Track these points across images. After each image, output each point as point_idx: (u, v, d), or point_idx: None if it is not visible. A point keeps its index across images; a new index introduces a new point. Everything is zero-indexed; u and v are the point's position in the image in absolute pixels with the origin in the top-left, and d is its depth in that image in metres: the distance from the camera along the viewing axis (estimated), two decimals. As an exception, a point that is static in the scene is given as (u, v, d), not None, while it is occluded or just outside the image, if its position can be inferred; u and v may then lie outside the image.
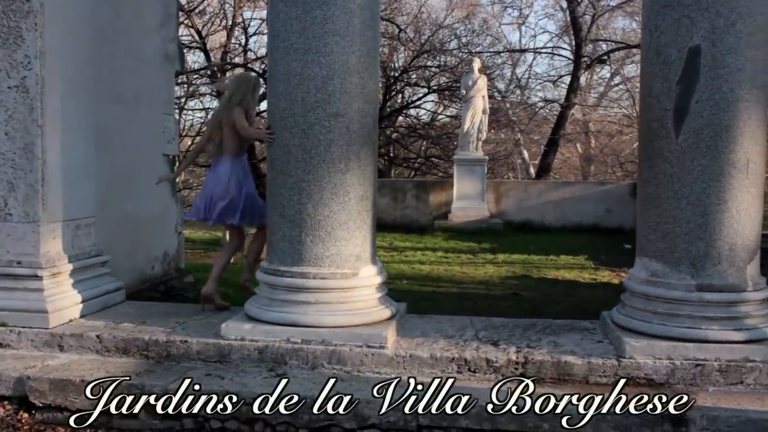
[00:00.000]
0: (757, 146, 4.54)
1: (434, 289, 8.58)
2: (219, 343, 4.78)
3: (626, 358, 4.46)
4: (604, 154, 30.62)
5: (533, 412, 4.05)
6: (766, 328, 4.54)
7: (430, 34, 24.17)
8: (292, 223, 4.82)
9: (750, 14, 4.45)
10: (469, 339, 4.86)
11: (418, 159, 26.06)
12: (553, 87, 27.47)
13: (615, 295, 5.07)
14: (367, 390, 4.30)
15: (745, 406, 4.11)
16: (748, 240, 4.57)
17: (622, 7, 23.56)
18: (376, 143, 5.13)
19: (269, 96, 5.01)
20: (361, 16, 4.82)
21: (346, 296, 4.80)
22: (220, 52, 21.32)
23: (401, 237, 14.21)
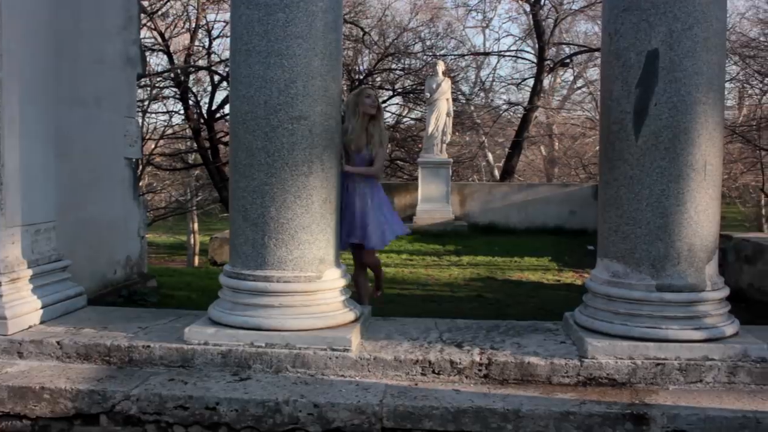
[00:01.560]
0: (714, 148, 4.61)
1: (399, 292, 8.60)
2: (182, 348, 4.74)
3: (588, 358, 4.51)
4: (567, 157, 30.90)
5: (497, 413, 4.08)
6: (724, 327, 4.61)
7: (394, 37, 24.21)
8: (255, 226, 4.79)
9: (706, 19, 4.52)
10: (433, 341, 4.88)
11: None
12: (516, 90, 27.70)
13: (578, 296, 5.11)
14: (331, 393, 4.30)
15: (704, 404, 4.17)
16: (707, 240, 4.64)
17: (584, 11, 23.82)
18: (339, 146, 5.13)
19: (232, 99, 4.98)
20: (324, 19, 4.82)
21: (309, 299, 4.79)
22: (184, 54, 21.11)
23: (366, 240, 14.17)
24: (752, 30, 21.95)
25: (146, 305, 6.87)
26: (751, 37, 20.68)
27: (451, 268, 10.74)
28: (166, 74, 21.08)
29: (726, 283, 4.90)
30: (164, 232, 33.91)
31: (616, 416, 4.07)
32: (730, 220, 29.17)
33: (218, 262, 11.70)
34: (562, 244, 13.35)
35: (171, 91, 21.89)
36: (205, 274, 10.31)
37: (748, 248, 8.90)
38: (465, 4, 27.02)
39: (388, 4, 24.71)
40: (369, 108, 5.69)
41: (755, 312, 7.64)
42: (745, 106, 25.42)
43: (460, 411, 4.11)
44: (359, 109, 5.68)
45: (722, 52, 4.72)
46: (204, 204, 30.51)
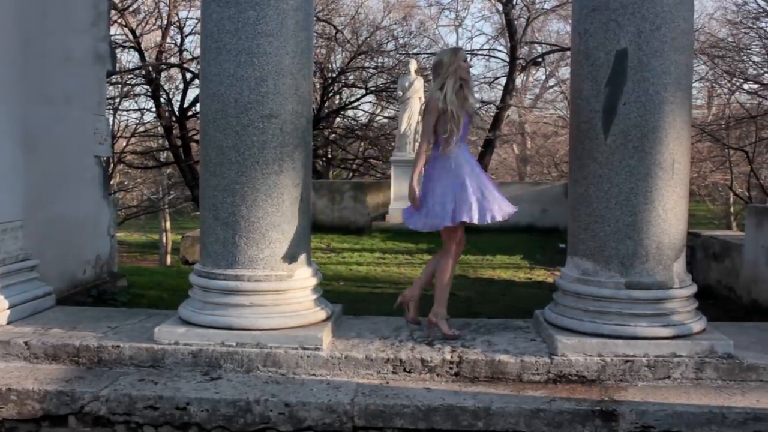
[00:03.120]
0: (681, 147, 4.66)
1: (371, 290, 8.60)
2: (152, 348, 4.71)
3: (558, 355, 4.54)
4: (539, 155, 31.08)
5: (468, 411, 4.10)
6: (692, 323, 4.67)
7: (367, 35, 24.19)
8: (225, 225, 4.77)
9: (674, 19, 4.57)
10: (404, 339, 4.88)
11: (356, 160, 26.08)
12: (489, 88, 27.76)
13: (550, 294, 5.14)
14: (302, 392, 4.30)
15: (672, 400, 4.22)
16: (675, 238, 4.69)
17: (555, 10, 23.94)
18: (310, 145, 5.12)
19: (202, 97, 4.96)
20: (295, 17, 4.81)
21: (280, 298, 4.78)
22: (155, 51, 20.96)
23: (339, 238, 14.19)
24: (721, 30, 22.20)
25: (116, 305, 6.81)
26: (720, 38, 20.90)
27: (423, 266, 10.72)
28: (137, 71, 20.93)
29: (694, 280, 4.96)
30: (136, 230, 33.68)
31: (586, 413, 4.10)
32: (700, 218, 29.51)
33: (190, 261, 11.63)
34: (533, 242, 13.42)
35: (142, 89, 21.74)
36: (176, 274, 10.24)
37: (716, 246, 9.01)
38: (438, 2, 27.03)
39: (361, 3, 24.71)
40: (464, 72, 5.07)
41: (723, 308, 7.75)
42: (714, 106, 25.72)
43: (431, 409, 4.12)
44: (457, 71, 5.02)
45: (689, 52, 4.78)
46: (176, 202, 30.37)
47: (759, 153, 21.43)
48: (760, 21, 18.73)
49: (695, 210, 30.50)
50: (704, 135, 20.30)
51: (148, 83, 20.77)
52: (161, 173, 29.11)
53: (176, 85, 22.82)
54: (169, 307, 5.68)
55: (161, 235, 29.01)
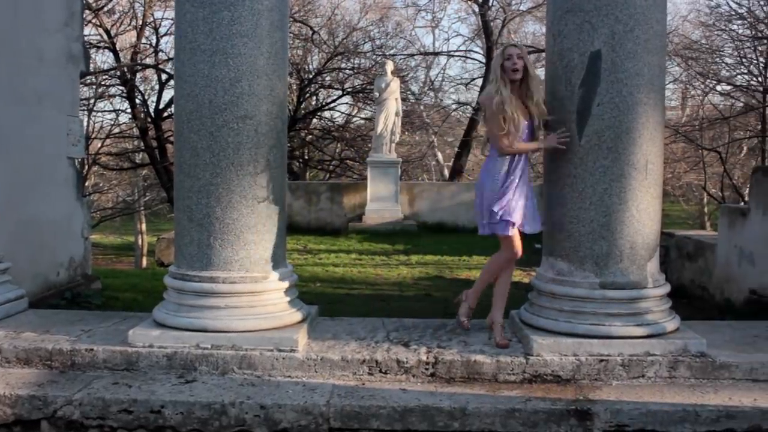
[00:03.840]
0: (655, 147, 4.70)
1: (348, 292, 8.59)
2: (126, 351, 4.66)
3: (534, 355, 4.55)
4: (515, 156, 31.12)
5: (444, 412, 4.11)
6: (665, 322, 4.70)
7: (344, 37, 24.19)
8: (200, 226, 4.74)
9: (647, 21, 4.60)
10: (380, 340, 4.88)
11: (333, 161, 26.05)
12: (465, 90, 27.88)
13: (525, 294, 5.16)
14: (278, 394, 4.28)
15: (646, 399, 4.24)
16: (649, 238, 4.72)
17: (531, 12, 24.09)
18: (285, 146, 5.11)
19: (176, 98, 4.93)
20: (270, 18, 4.79)
21: (256, 300, 4.76)
22: (130, 52, 20.80)
23: (315, 239, 14.18)
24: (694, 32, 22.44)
25: (90, 307, 6.74)
26: (693, 40, 21.12)
27: (399, 267, 10.77)
28: (112, 72, 20.77)
29: (668, 280, 5.00)
30: (111, 232, 33.42)
31: (561, 412, 4.12)
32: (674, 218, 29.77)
33: (165, 263, 11.56)
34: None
35: (117, 90, 21.59)
36: (151, 276, 10.17)
37: (690, 246, 9.09)
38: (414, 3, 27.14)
39: (337, 4, 24.73)
40: (510, 71, 4.71)
41: (696, 307, 7.83)
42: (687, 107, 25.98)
43: (407, 410, 4.12)
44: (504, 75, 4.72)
45: (662, 54, 4.82)
46: (152, 204, 30.17)
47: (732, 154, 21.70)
48: (732, 23, 18.94)
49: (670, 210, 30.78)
50: (678, 136, 20.50)
51: (123, 84, 20.62)
52: (137, 175, 28.91)
53: (152, 86, 22.71)
54: (144, 310, 5.64)
55: (137, 237, 28.82)
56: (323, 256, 11.91)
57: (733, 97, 20.49)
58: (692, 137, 20.60)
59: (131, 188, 30.92)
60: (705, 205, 26.94)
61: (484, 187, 4.84)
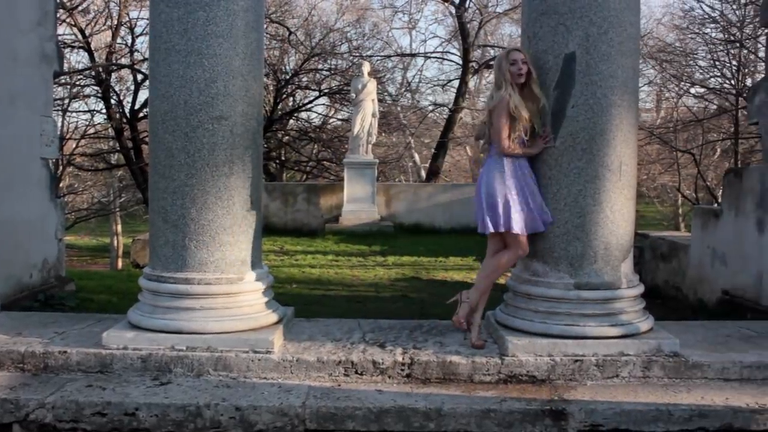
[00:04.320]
0: (629, 149, 4.74)
1: (324, 293, 8.58)
2: (100, 353, 4.63)
3: (509, 356, 4.57)
4: (492, 157, 31.23)
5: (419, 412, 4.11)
6: (639, 323, 4.74)
7: (320, 38, 24.15)
8: (175, 228, 4.72)
9: (621, 23, 4.64)
10: (356, 341, 4.88)
11: (310, 162, 26.01)
12: (442, 91, 27.95)
13: (502, 295, 5.18)
14: (253, 396, 4.27)
15: (620, 399, 4.27)
16: (623, 239, 4.76)
17: (507, 14, 24.21)
18: (261, 146, 5.10)
19: (151, 98, 4.90)
20: (245, 18, 4.78)
21: (231, 301, 4.74)
22: (105, 52, 20.64)
23: (292, 240, 14.15)
24: (668, 35, 22.64)
25: (64, 309, 6.69)
26: (668, 43, 21.31)
27: (376, 268, 10.77)
28: (86, 72, 20.58)
29: (643, 281, 5.04)
30: (86, 234, 33.17)
31: (536, 413, 4.14)
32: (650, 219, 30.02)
33: (141, 264, 11.49)
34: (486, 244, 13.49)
35: (92, 90, 21.38)
36: (126, 277, 10.10)
37: (664, 246, 9.18)
38: (391, 5, 27.21)
39: (314, 4, 24.69)
40: (516, 76, 4.72)
41: (670, 308, 7.90)
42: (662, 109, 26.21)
43: (382, 411, 4.12)
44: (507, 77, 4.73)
45: (636, 56, 4.86)
46: (127, 205, 29.97)
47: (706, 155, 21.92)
48: (705, 27, 19.14)
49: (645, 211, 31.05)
50: (653, 138, 20.69)
51: (98, 84, 20.44)
52: (112, 176, 28.70)
53: (127, 87, 22.52)
54: (118, 312, 5.60)
55: (112, 238, 28.64)
56: (300, 258, 11.89)
57: (707, 99, 20.71)
58: (667, 139, 20.80)
59: (106, 189, 30.69)
60: (679, 206, 27.19)
61: (488, 186, 4.82)
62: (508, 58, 4.76)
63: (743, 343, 5.00)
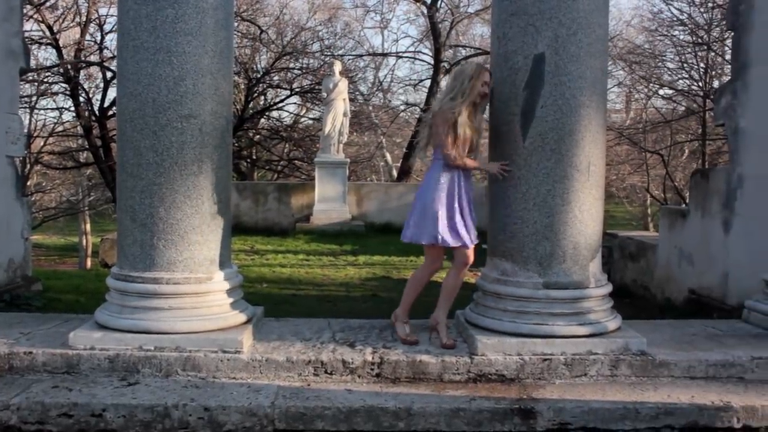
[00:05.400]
0: (597, 149, 4.77)
1: (294, 292, 8.56)
2: (67, 354, 4.57)
3: (478, 355, 4.59)
4: (464, 157, 31.35)
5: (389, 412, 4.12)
6: (607, 322, 4.78)
7: (292, 36, 24.06)
8: (143, 227, 4.68)
9: (589, 25, 4.68)
10: (326, 341, 4.87)
11: (281, 161, 25.92)
12: (414, 90, 27.98)
13: (472, 295, 5.19)
14: (222, 396, 4.24)
15: (588, 397, 4.31)
16: (591, 239, 4.80)
17: (479, 14, 24.29)
18: (230, 145, 5.07)
19: (119, 96, 4.85)
20: (215, 16, 4.75)
21: (200, 301, 4.71)
22: (74, 49, 20.39)
23: (263, 240, 14.09)
24: (638, 37, 22.83)
25: (30, 310, 6.61)
26: (637, 45, 21.50)
27: (347, 268, 10.76)
28: (55, 69, 20.33)
29: (611, 280, 5.09)
30: (55, 233, 32.78)
31: (505, 411, 4.16)
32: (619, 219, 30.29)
33: (109, 263, 11.37)
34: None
35: (60, 87, 21.11)
36: (95, 277, 9.99)
37: (632, 246, 9.26)
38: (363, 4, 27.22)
39: (285, 3, 24.60)
40: (481, 96, 4.84)
41: (638, 307, 7.97)
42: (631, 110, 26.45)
43: (352, 411, 4.12)
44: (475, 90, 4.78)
45: (604, 58, 4.90)
46: (96, 204, 29.67)
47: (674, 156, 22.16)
48: (674, 29, 19.34)
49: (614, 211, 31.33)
50: (622, 138, 20.87)
51: (67, 81, 20.19)
52: (81, 174, 28.39)
53: (96, 84, 22.24)
54: (86, 312, 5.53)
55: (81, 237, 28.30)
56: (270, 257, 11.84)
57: (675, 101, 20.94)
58: (636, 140, 21.00)
59: (75, 188, 30.35)
60: (648, 206, 27.45)
61: (426, 196, 4.85)
62: (481, 78, 4.79)
63: (709, 341, 5.06)
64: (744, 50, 6.71)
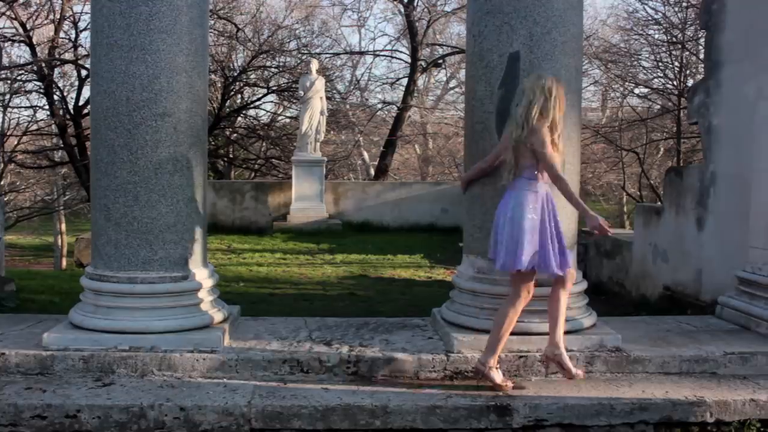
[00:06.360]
0: (572, 147, 4.81)
1: (271, 291, 8.53)
2: (41, 355, 4.54)
3: (454, 352, 4.60)
4: (441, 155, 31.42)
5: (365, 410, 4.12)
6: (582, 319, 4.85)
7: (269, 34, 23.96)
8: (118, 226, 4.65)
9: (564, 23, 4.71)
10: (302, 340, 4.86)
11: (258, 160, 25.80)
12: (391, 89, 27.95)
13: (449, 293, 5.21)
14: (198, 396, 4.23)
15: (564, 394, 4.34)
16: (566, 236, 4.80)
17: (456, 13, 24.27)
18: (205, 144, 5.05)
19: (92, 94, 4.82)
20: (189, 14, 4.73)
21: (176, 301, 4.69)
22: (48, 46, 20.17)
23: (240, 239, 14.04)
24: (613, 36, 22.96)
25: (3, 310, 6.53)
26: (612, 43, 21.62)
27: (324, 266, 10.74)
28: (28, 67, 20.10)
29: (587, 277, 5.12)
30: (29, 233, 32.45)
31: (481, 408, 4.17)
32: (595, 217, 30.37)
33: (85, 263, 11.29)
34: (434, 242, 13.58)
35: (34, 85, 20.87)
36: (69, 277, 9.92)
37: (608, 244, 9.32)
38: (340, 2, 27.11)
39: (262, 1, 24.44)
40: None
41: (613, 304, 8.03)
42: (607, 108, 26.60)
43: (328, 409, 4.12)
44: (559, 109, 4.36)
45: (579, 56, 4.93)
46: (72, 203, 29.35)
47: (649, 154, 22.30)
48: (649, 28, 19.49)
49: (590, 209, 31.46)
50: (598, 137, 20.99)
51: (41, 80, 19.95)
52: (55, 173, 28.09)
53: (71, 82, 22.03)
54: (61, 312, 5.49)
55: (56, 237, 28.05)
56: (247, 256, 11.81)
57: (651, 99, 21.08)
58: (612, 138, 21.11)
59: (50, 187, 30.03)
60: (624, 204, 27.61)
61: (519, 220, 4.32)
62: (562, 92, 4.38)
63: (683, 337, 5.11)
64: (716, 49, 6.78)
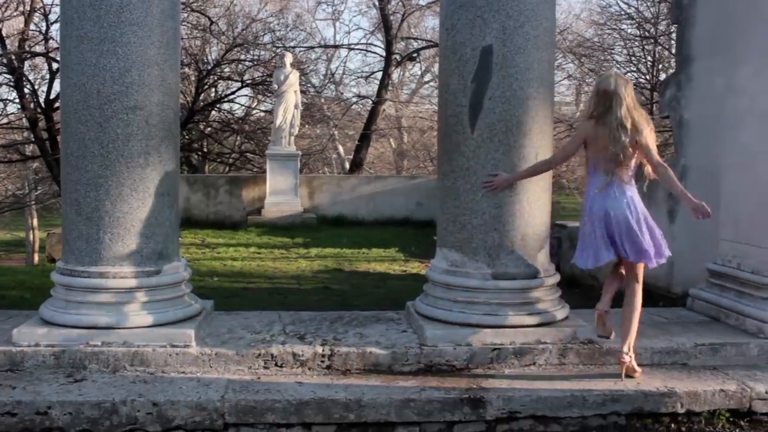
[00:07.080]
0: (545, 141, 4.83)
1: (245, 285, 8.51)
2: (10, 351, 4.48)
3: (428, 345, 4.61)
4: (416, 149, 31.50)
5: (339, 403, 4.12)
6: (555, 311, 4.85)
7: (243, 28, 23.83)
8: (89, 220, 4.61)
9: (537, 17, 4.72)
10: (276, 334, 4.85)
11: (232, 154, 25.69)
12: (366, 83, 27.95)
13: (423, 286, 5.22)
14: (171, 391, 4.20)
15: (537, 386, 4.37)
16: (539, 230, 4.85)
17: (431, 7, 24.28)
18: (178, 137, 5.01)
19: (62, 87, 4.76)
20: (161, 6, 4.68)
21: (148, 295, 4.65)
22: (18, 39, 19.92)
23: (214, 233, 13.97)
24: (587, 31, 23.12)
25: (-27, 306, 6.47)
26: (586, 38, 21.77)
27: (299, 260, 10.73)
28: (-3, 60, 19.85)
29: (561, 270, 5.16)
30: (1, 228, 32.12)
31: (455, 401, 4.19)
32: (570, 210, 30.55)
33: (56, 259, 11.16)
34: (409, 235, 13.61)
35: (4, 78, 20.61)
36: (41, 272, 9.83)
37: (581, 236, 9.35)
38: (315, -5, 27.02)
39: (236, -6, 24.30)
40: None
41: (587, 296, 8.04)
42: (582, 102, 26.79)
43: (302, 403, 4.11)
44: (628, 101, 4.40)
45: (552, 50, 4.95)
46: (43, 198, 29.05)
47: (622, 148, 22.44)
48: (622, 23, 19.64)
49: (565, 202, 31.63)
50: (572, 130, 21.11)
51: (11, 73, 19.70)
52: (27, 167, 27.78)
53: (42, 76, 21.78)
54: (32, 308, 5.42)
55: (28, 232, 27.78)
56: (221, 250, 11.76)
57: (623, 93, 21.22)
58: (585, 132, 21.22)
59: (21, 181, 29.72)
60: (597, 197, 27.79)
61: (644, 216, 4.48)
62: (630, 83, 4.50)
63: (654, 329, 5.16)
64: (687, 44, 6.83)
